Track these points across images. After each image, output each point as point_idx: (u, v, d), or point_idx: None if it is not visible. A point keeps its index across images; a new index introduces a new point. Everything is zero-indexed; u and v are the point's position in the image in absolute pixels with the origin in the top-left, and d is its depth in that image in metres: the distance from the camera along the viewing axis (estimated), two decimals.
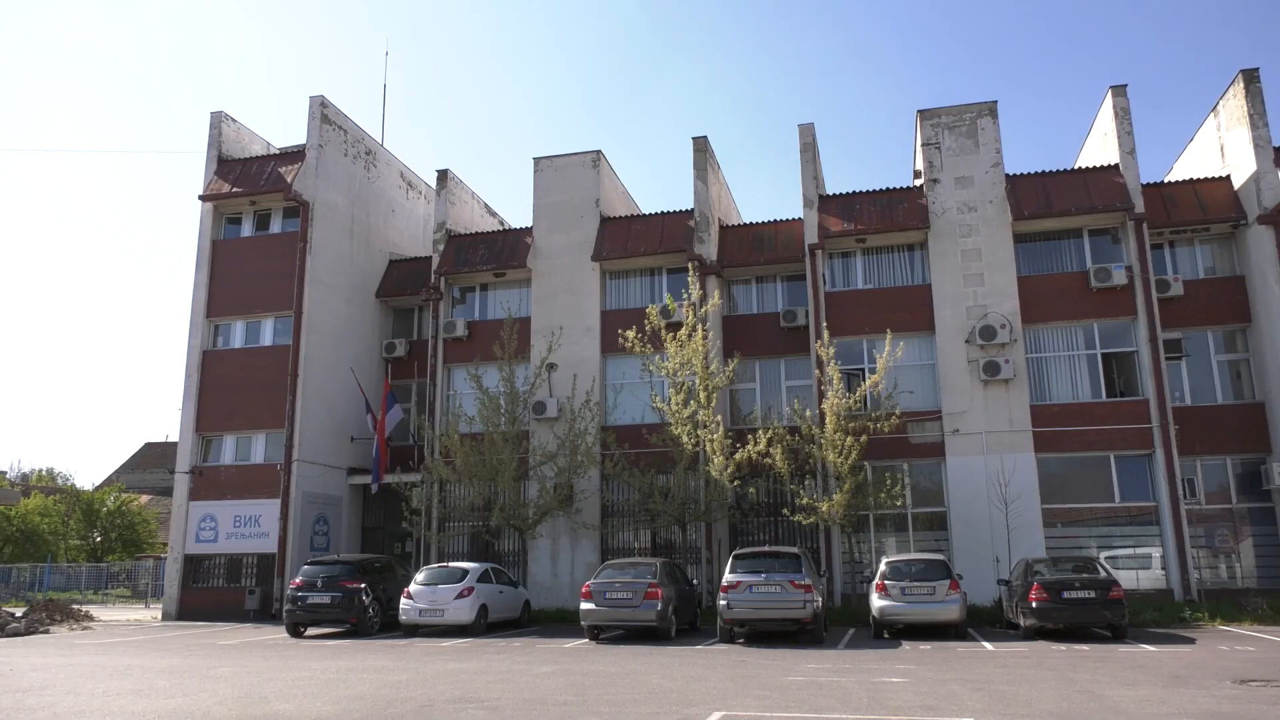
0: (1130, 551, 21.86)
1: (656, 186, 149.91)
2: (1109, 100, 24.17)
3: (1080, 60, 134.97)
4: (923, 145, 24.50)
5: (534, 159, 27.16)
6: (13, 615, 22.01)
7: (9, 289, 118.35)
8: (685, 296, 23.50)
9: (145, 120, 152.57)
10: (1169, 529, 21.20)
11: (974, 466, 22.07)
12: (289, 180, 26.42)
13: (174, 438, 36.54)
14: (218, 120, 28.17)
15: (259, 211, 27.58)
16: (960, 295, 23.18)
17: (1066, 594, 16.18)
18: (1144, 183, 23.32)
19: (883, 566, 17.87)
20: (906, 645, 15.61)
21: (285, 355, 25.67)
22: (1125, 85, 23.84)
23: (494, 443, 22.86)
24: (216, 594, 25.18)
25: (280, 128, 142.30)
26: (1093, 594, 16.10)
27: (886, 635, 17.23)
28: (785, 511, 22.68)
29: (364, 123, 49.13)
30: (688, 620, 18.57)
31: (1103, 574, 16.98)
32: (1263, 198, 22.11)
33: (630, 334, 23.03)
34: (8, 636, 20.02)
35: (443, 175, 28.36)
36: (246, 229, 27.70)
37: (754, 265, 25.66)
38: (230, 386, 26.06)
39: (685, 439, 21.90)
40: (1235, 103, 23.20)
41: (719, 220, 26.54)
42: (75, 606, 25.46)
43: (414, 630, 19.45)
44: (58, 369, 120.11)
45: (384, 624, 20.03)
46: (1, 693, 11.13)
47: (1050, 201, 23.43)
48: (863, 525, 22.77)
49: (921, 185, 24.53)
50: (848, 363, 23.22)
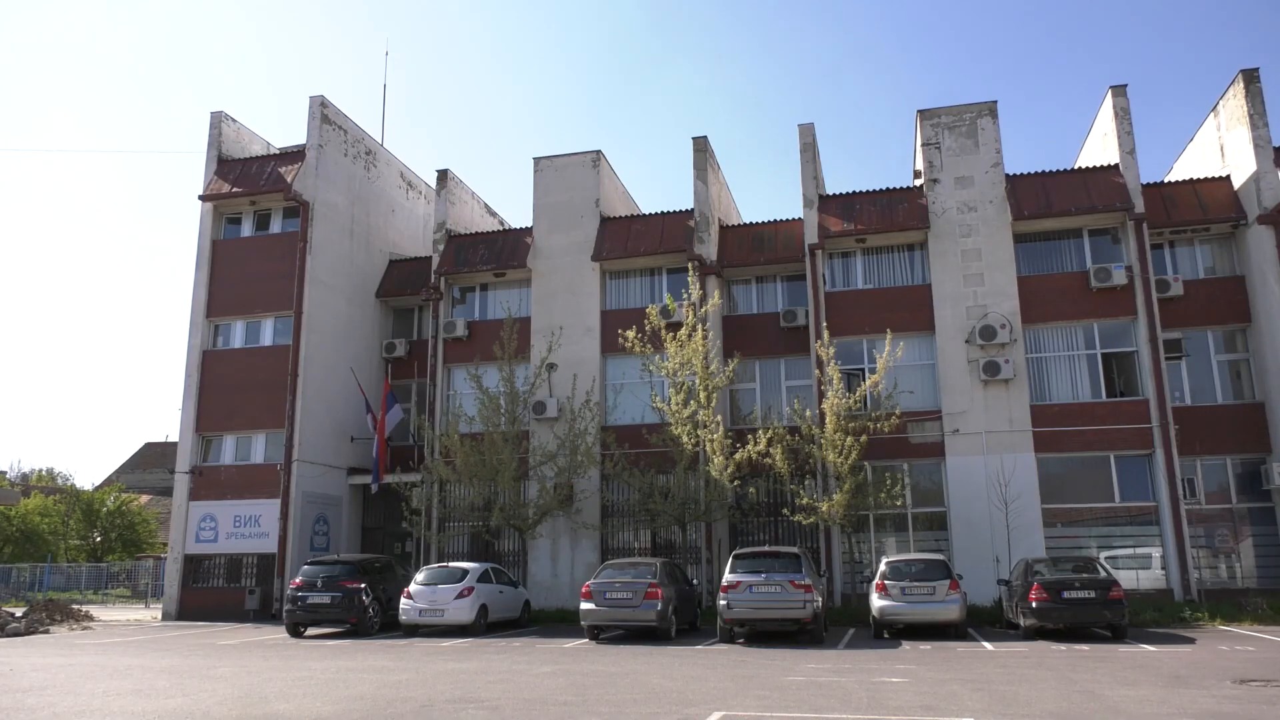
0: (1130, 551, 21.86)
1: (656, 186, 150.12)
2: (1109, 100, 24.19)
3: (1080, 60, 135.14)
4: (923, 145, 24.51)
5: (534, 159, 27.21)
6: (13, 615, 22.01)
7: (9, 289, 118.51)
8: (685, 296, 23.50)
9: (145, 120, 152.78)
10: (1169, 529, 21.21)
11: (974, 466, 22.08)
12: (289, 180, 26.42)
13: (174, 438, 36.55)
14: (218, 120, 28.19)
15: (259, 211, 27.59)
16: (960, 295, 23.19)
17: (1066, 594, 16.19)
18: (1144, 183, 23.33)
19: (883, 566, 17.88)
20: (906, 645, 15.62)
21: (285, 355, 25.68)
22: (1125, 85, 23.87)
23: (494, 443, 22.86)
24: (216, 594, 25.19)
25: (280, 128, 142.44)
26: (1093, 594, 16.12)
27: (886, 635, 17.23)
28: (785, 511, 22.69)
29: (364, 123, 49.13)
30: (688, 620, 18.56)
31: (1103, 574, 16.99)
32: (1263, 198, 22.12)
33: (630, 334, 23.03)
34: (8, 636, 20.02)
35: (443, 175, 28.37)
36: (246, 229, 27.71)
37: (754, 265, 25.67)
38: (230, 386, 26.08)
39: (685, 439, 21.90)
40: (1235, 103, 23.20)
41: (719, 220, 26.54)
42: (75, 606, 25.47)
43: (414, 630, 19.45)
44: (58, 369, 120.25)
45: (384, 624, 20.03)
46: (1, 693, 11.13)
47: (1050, 201, 23.44)
48: (863, 525, 22.77)
49: (921, 185, 24.54)
50: (848, 363, 23.22)
